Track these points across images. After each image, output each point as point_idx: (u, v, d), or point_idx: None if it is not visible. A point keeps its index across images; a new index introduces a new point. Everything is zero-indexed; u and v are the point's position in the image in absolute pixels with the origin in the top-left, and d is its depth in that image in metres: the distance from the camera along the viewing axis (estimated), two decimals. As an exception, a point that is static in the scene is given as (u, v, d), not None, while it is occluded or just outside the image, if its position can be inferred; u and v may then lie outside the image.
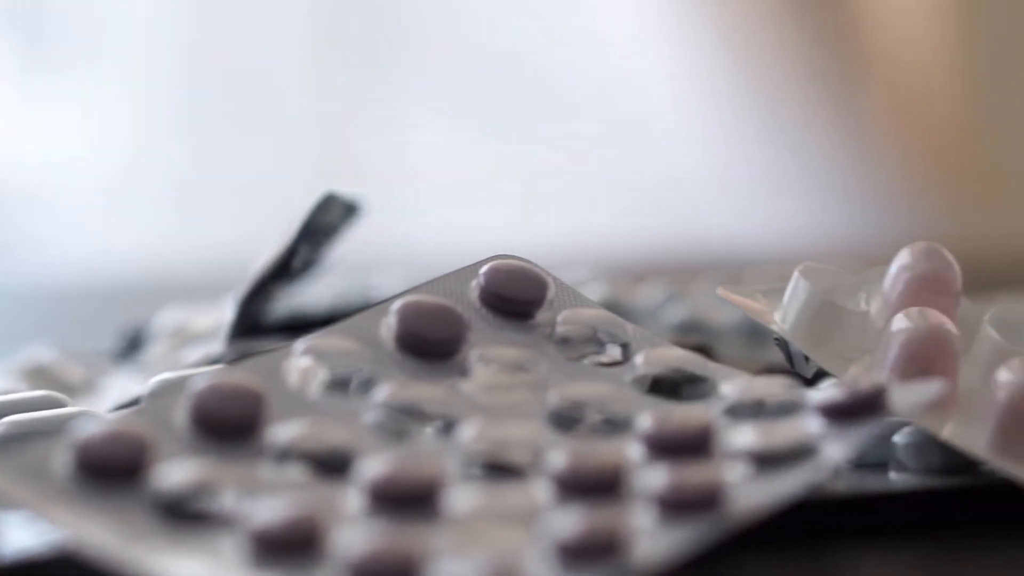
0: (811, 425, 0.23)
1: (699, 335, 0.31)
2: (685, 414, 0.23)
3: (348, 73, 0.93)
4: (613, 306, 0.32)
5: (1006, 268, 0.65)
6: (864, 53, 0.94)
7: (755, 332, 0.31)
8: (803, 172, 0.93)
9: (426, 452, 0.22)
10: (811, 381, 0.26)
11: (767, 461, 0.22)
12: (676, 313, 0.32)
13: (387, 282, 0.35)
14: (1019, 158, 0.95)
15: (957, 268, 0.26)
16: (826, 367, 0.26)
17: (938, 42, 0.95)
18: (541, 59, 0.94)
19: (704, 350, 0.30)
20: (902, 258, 0.27)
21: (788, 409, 0.24)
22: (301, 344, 0.24)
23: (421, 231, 0.83)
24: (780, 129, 0.93)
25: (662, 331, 0.31)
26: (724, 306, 0.29)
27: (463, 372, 0.24)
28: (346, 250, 0.34)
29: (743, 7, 0.94)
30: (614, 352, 0.25)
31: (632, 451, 0.23)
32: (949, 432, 0.24)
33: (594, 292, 0.32)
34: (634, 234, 0.84)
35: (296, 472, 0.22)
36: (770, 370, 0.29)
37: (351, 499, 0.21)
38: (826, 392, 0.23)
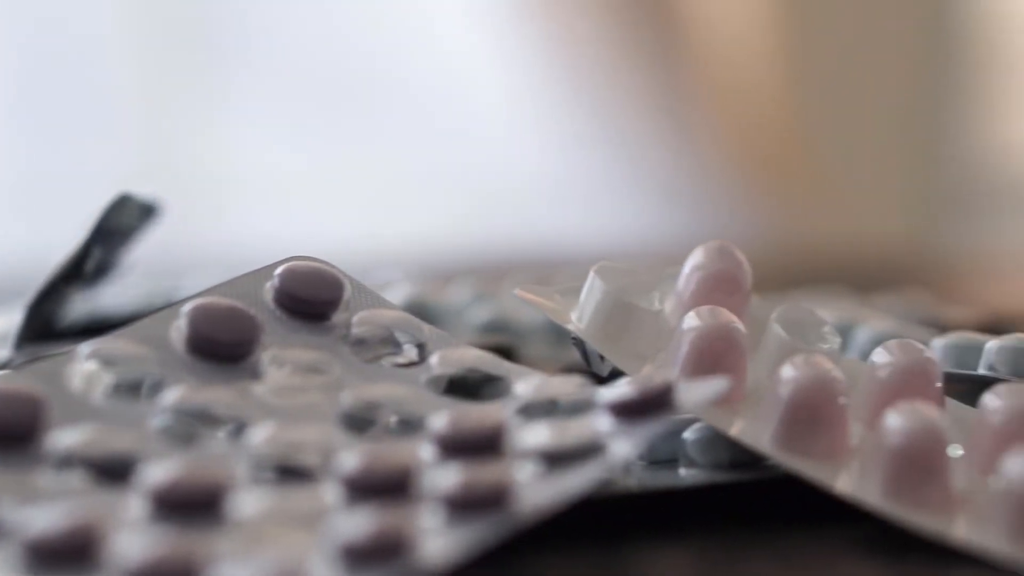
0: (601, 423, 0.23)
1: (505, 335, 0.32)
2: (477, 414, 0.23)
3: (174, 75, 0.91)
4: (420, 307, 0.32)
5: (827, 266, 0.67)
6: (689, 58, 0.96)
7: (560, 332, 0.32)
8: (631, 174, 0.95)
9: (213, 456, 0.22)
10: (608, 380, 0.26)
11: (556, 459, 0.22)
12: (482, 313, 0.32)
13: (197, 284, 0.34)
14: (839, 160, 0.98)
15: (748, 267, 0.27)
16: (620, 366, 0.26)
17: (760, 47, 0.97)
18: (372, 61, 0.94)
19: (507, 350, 0.31)
20: (695, 257, 0.27)
21: (580, 408, 0.24)
22: (86, 348, 0.23)
23: (249, 233, 0.83)
24: (608, 132, 0.95)
25: (468, 331, 0.32)
26: (530, 306, 0.29)
27: (255, 375, 0.24)
28: (166, 252, 0.33)
29: (572, 11, 0.95)
30: (411, 353, 0.25)
31: (424, 452, 0.23)
32: (737, 428, 0.25)
33: (402, 293, 0.32)
34: (463, 235, 0.85)
35: (76, 479, 0.21)
36: (571, 369, 0.29)
37: (133, 505, 0.21)
38: (616, 390, 0.24)
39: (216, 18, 0.91)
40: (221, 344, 0.24)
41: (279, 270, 0.25)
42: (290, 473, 0.22)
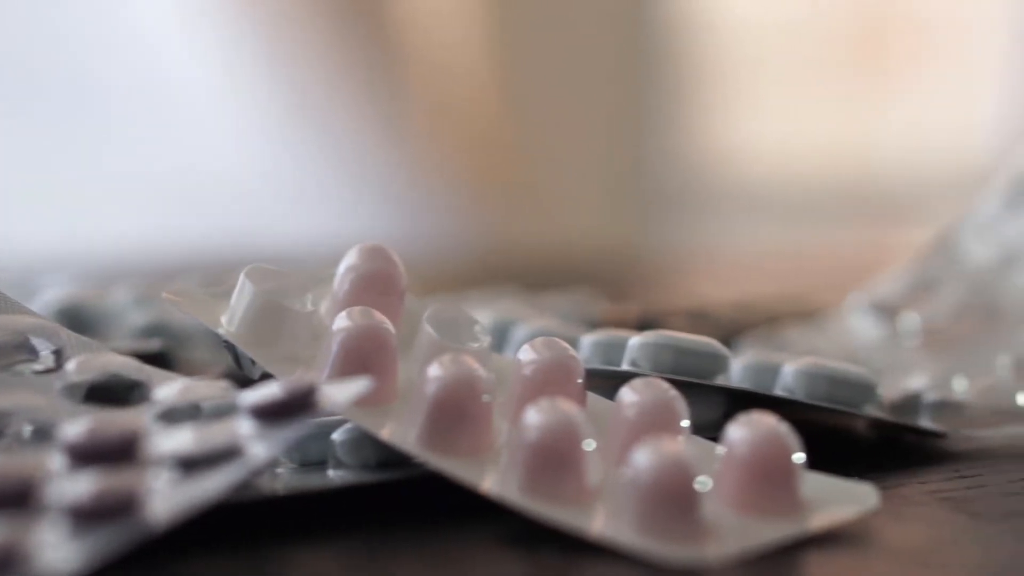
0: (242, 426, 0.23)
1: (165, 339, 0.31)
2: (111, 421, 0.23)
3: None
4: (77, 310, 0.31)
5: (535, 267, 0.68)
6: (402, 63, 0.96)
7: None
8: (345, 174, 0.94)
9: None
10: (259, 383, 0.26)
11: (192, 464, 0.22)
12: (141, 317, 0.31)
13: None
14: (550, 163, 1.00)
15: (402, 267, 0.27)
16: (271, 369, 0.26)
17: (472, 54, 0.98)
18: (77, 60, 0.91)
19: (164, 355, 0.30)
20: (349, 258, 0.27)
21: (223, 411, 0.24)
22: None
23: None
24: (322, 132, 0.94)
25: (126, 335, 0.31)
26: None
27: None
28: None
29: (287, 13, 0.94)
30: (47, 359, 0.25)
31: (55, 461, 0.22)
32: (387, 428, 0.25)
33: (59, 296, 0.31)
34: (172, 234, 0.83)
35: None
36: (230, 373, 0.28)
37: None
38: (259, 393, 0.23)
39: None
40: None
41: (-99, 275, 0.24)
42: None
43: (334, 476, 0.25)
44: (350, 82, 0.94)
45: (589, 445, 0.23)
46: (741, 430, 0.23)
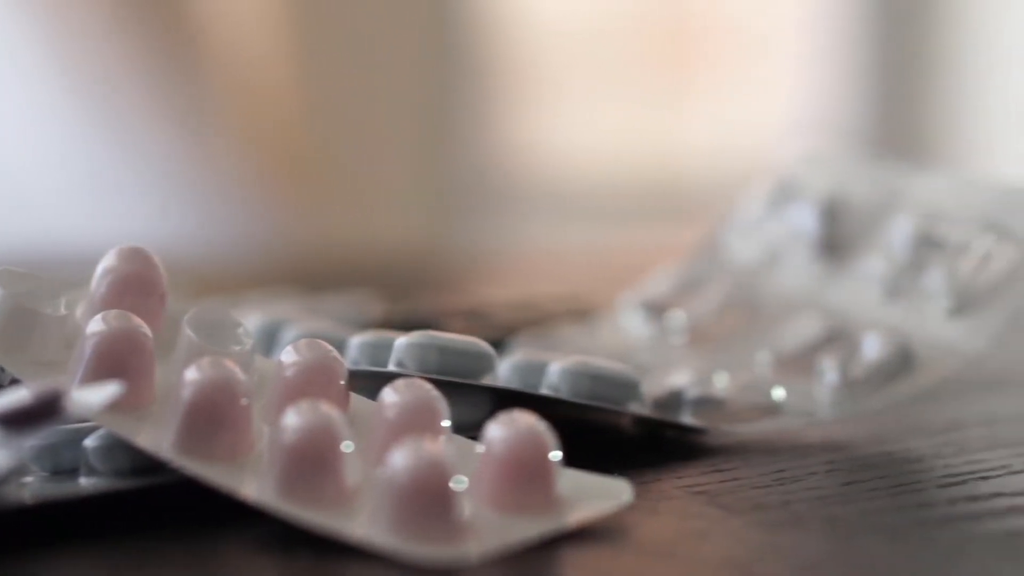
0: (-15, 434, 0.22)
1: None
2: None
3: None
4: None
5: (335, 269, 0.67)
6: (201, 58, 0.95)
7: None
8: (139, 173, 0.92)
9: None
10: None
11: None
12: None
13: None
14: (353, 161, 0.99)
15: (162, 269, 0.27)
16: (21, 374, 0.25)
17: (273, 49, 0.97)
18: None
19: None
20: (107, 260, 0.26)
21: (-35, 419, 0.23)
22: None
23: None
24: (115, 127, 0.92)
25: None
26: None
27: None
28: None
29: (79, 7, 0.92)
30: None
31: None
32: (143, 433, 0.24)
33: None
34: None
35: None
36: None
37: None
38: (2, 399, 0.23)
39: None
40: None
41: None
42: None
43: (86, 484, 0.24)
44: (145, 78, 0.92)
45: (348, 447, 0.23)
46: (498, 429, 0.23)
